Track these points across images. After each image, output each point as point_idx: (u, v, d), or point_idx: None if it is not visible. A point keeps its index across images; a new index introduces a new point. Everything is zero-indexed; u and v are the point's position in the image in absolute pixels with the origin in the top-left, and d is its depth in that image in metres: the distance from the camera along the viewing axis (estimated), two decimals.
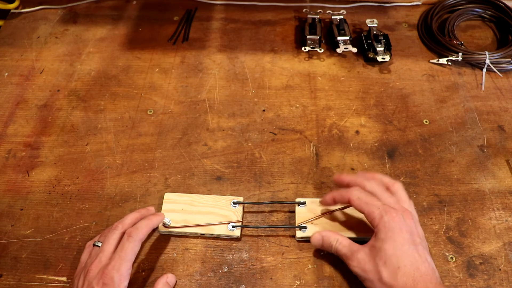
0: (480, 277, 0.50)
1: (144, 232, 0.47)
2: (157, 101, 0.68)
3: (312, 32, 0.75)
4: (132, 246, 0.45)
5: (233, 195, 0.57)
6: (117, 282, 0.43)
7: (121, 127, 0.65)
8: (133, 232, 0.46)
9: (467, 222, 0.55)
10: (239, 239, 0.53)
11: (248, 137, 0.63)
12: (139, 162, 0.61)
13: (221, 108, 0.67)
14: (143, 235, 0.47)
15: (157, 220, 0.49)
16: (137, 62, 0.74)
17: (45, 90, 0.70)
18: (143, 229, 0.47)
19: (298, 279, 0.50)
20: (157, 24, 0.80)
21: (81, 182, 0.59)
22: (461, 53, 0.71)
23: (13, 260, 0.52)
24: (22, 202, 0.57)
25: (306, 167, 0.60)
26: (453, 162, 0.60)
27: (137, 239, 0.46)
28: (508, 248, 0.52)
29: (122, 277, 0.43)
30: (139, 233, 0.46)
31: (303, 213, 0.54)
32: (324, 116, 0.66)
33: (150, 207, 0.53)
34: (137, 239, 0.46)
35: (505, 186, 0.58)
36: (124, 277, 0.43)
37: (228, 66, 0.73)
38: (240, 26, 0.80)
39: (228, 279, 0.50)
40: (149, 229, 0.48)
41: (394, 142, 0.63)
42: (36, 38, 0.78)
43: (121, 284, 0.43)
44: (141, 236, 0.46)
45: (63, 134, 0.64)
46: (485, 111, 0.66)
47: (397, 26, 0.79)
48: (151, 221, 0.49)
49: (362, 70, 0.72)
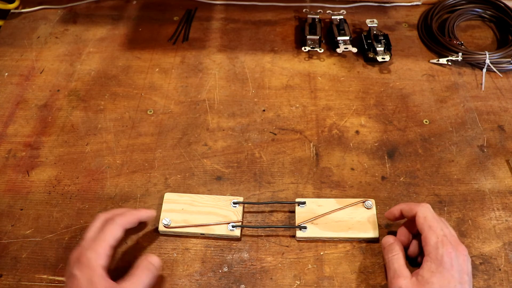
0: (480, 277, 0.50)
1: (128, 220, 0.46)
2: (157, 101, 0.68)
3: (312, 32, 0.75)
4: (111, 229, 0.45)
5: (233, 195, 0.57)
6: (93, 261, 0.42)
7: (121, 127, 0.65)
8: (116, 217, 0.46)
9: (467, 222, 0.55)
10: (239, 239, 0.53)
11: (248, 137, 0.63)
12: (139, 162, 0.61)
13: (221, 108, 0.67)
14: (126, 221, 0.46)
15: (145, 213, 0.49)
16: (137, 62, 0.74)
17: (45, 90, 0.70)
18: (126, 216, 0.47)
19: (298, 279, 0.50)
20: (157, 24, 0.80)
21: (81, 182, 0.59)
22: (461, 53, 0.71)
23: (13, 260, 0.52)
24: (22, 202, 0.57)
25: (306, 167, 0.60)
26: (453, 162, 0.60)
27: (119, 223, 0.45)
28: (508, 248, 0.52)
29: (99, 256, 0.42)
30: (121, 218, 0.46)
31: (303, 213, 0.54)
32: (324, 116, 0.66)
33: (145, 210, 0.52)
34: (118, 223, 0.45)
35: (505, 186, 0.58)
36: (101, 257, 0.42)
37: (228, 66, 0.73)
38: (240, 26, 0.80)
39: (228, 279, 0.50)
40: (133, 218, 0.47)
41: (394, 142, 0.63)
42: (36, 38, 0.78)
43: (97, 262, 0.42)
44: (123, 222, 0.46)
45: (63, 134, 0.64)
46: (485, 111, 0.66)
47: (397, 26, 0.79)
48: (138, 212, 0.48)
49: (362, 70, 0.72)
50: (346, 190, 0.58)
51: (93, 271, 0.41)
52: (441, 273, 0.43)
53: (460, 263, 0.44)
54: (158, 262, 0.47)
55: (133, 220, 0.47)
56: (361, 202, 0.55)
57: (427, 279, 0.43)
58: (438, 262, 0.44)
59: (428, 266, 0.44)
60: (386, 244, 0.49)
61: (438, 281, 0.43)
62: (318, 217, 0.54)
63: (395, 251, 0.47)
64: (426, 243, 0.45)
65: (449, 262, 0.43)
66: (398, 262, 0.46)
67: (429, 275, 0.43)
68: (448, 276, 0.43)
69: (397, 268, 0.45)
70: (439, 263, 0.43)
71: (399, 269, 0.45)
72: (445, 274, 0.43)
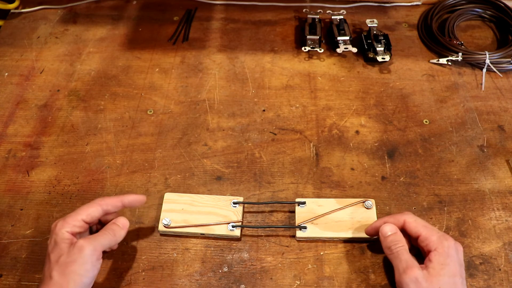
0: (480, 277, 0.50)
1: (108, 201, 0.48)
2: (157, 101, 0.68)
3: (312, 32, 0.75)
4: (87, 205, 0.47)
5: (233, 195, 0.57)
6: (59, 227, 0.45)
7: (121, 127, 0.65)
8: (99, 198, 0.48)
9: (467, 222, 0.55)
10: (239, 239, 0.53)
11: (248, 137, 0.63)
12: (139, 162, 0.61)
13: (221, 108, 0.67)
14: (105, 202, 0.48)
15: (132, 197, 0.50)
16: (137, 62, 0.74)
17: (45, 90, 0.70)
18: (110, 197, 0.48)
19: (298, 279, 0.50)
20: (157, 24, 0.80)
21: (81, 182, 0.59)
22: (461, 53, 0.71)
23: (13, 260, 0.52)
24: (22, 202, 0.57)
25: (306, 167, 0.60)
26: (453, 162, 0.60)
27: (97, 202, 0.47)
28: (508, 248, 0.52)
29: (66, 224, 0.45)
30: (102, 199, 0.48)
31: (303, 213, 0.54)
32: (324, 116, 0.66)
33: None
34: (96, 202, 0.47)
35: (505, 186, 0.58)
36: (68, 225, 0.45)
37: (228, 66, 0.73)
38: (240, 26, 0.80)
39: (228, 279, 0.50)
40: (116, 201, 0.48)
41: (394, 142, 0.63)
42: (36, 38, 0.78)
43: (63, 228, 0.44)
44: (103, 202, 0.47)
45: (63, 134, 0.64)
46: (485, 111, 0.66)
47: (397, 26, 0.79)
48: (124, 196, 0.49)
49: (362, 70, 0.72)
50: (346, 190, 0.58)
51: (57, 235, 0.44)
52: (449, 265, 0.44)
53: (459, 257, 0.46)
54: (124, 223, 0.48)
55: (115, 202, 0.48)
56: (361, 202, 0.55)
57: (438, 271, 0.44)
58: (445, 254, 0.45)
59: (437, 259, 0.45)
60: (387, 234, 0.48)
61: (446, 273, 0.44)
62: (318, 217, 0.54)
63: (400, 241, 0.47)
64: (429, 240, 0.46)
65: (454, 255, 0.45)
66: (407, 253, 0.46)
67: (439, 268, 0.44)
68: (453, 269, 0.44)
69: (408, 259, 0.45)
70: (446, 255, 0.45)
71: (410, 259, 0.45)
72: (451, 266, 0.44)
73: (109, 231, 0.47)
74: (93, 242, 0.44)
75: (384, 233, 0.48)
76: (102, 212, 0.47)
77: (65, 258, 0.43)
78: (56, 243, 0.44)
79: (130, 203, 0.50)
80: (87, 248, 0.43)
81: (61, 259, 0.43)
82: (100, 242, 0.45)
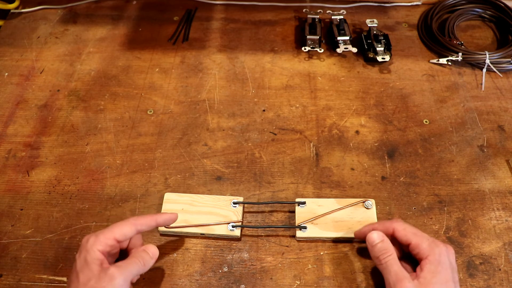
0: (480, 277, 0.50)
1: (142, 221, 0.46)
2: (157, 101, 0.68)
3: (312, 32, 0.75)
4: (121, 223, 0.45)
5: (233, 195, 0.57)
6: (90, 244, 0.43)
7: (121, 127, 0.65)
8: (133, 217, 0.46)
9: (467, 222, 0.55)
10: (239, 239, 0.53)
11: (248, 137, 0.63)
12: (139, 162, 0.61)
13: (221, 108, 0.67)
14: (139, 222, 0.46)
15: (165, 216, 0.48)
16: (137, 62, 0.74)
17: (45, 90, 0.70)
18: (144, 217, 0.47)
19: (298, 279, 0.50)
20: (157, 24, 0.80)
21: (81, 182, 0.59)
22: (461, 53, 0.71)
23: (13, 260, 0.52)
24: (22, 202, 0.57)
25: (306, 167, 0.60)
26: (453, 162, 0.60)
27: (131, 221, 0.45)
28: (508, 248, 0.52)
29: (98, 241, 0.43)
30: (136, 218, 0.46)
31: (303, 213, 0.54)
32: (324, 116, 0.66)
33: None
34: (130, 221, 0.45)
35: (505, 186, 0.58)
36: (100, 243, 0.43)
37: (228, 66, 0.73)
38: (240, 26, 0.80)
39: (228, 279, 0.50)
40: (150, 220, 0.47)
41: (394, 142, 0.63)
42: (36, 38, 0.78)
43: (95, 246, 0.43)
44: (136, 221, 0.46)
45: (63, 134, 0.64)
46: (485, 111, 0.66)
47: (397, 26, 0.79)
48: (157, 215, 0.48)
49: (362, 70, 0.72)
50: (346, 190, 0.58)
51: (88, 252, 0.42)
52: (440, 272, 0.44)
53: (451, 261, 0.45)
54: (154, 252, 0.46)
55: (149, 222, 0.47)
56: (361, 202, 0.55)
57: (429, 280, 0.43)
58: (436, 262, 0.44)
59: (428, 268, 0.44)
60: (374, 243, 0.47)
61: (438, 281, 0.43)
62: (318, 217, 0.54)
63: (389, 250, 0.46)
64: (419, 248, 0.45)
65: (445, 261, 0.44)
66: (397, 264, 0.45)
67: (430, 276, 0.43)
68: (445, 275, 0.44)
69: (398, 270, 0.44)
70: (437, 263, 0.44)
71: (400, 271, 0.44)
72: (442, 273, 0.44)
73: (139, 260, 0.45)
74: (124, 271, 0.43)
75: (372, 241, 0.47)
76: (135, 232, 0.45)
77: (94, 283, 0.41)
78: (87, 262, 0.42)
79: (164, 223, 0.49)
80: (118, 278, 0.42)
81: (90, 283, 0.41)
82: (131, 272, 0.43)
